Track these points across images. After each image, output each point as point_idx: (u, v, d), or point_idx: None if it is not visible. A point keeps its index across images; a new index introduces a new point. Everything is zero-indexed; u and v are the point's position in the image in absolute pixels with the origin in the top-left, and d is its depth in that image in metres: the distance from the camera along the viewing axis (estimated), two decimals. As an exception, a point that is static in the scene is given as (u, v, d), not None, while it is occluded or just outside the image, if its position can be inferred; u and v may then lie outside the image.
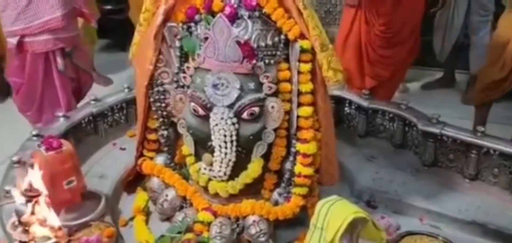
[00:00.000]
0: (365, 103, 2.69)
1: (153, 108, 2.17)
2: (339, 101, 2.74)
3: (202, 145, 2.01)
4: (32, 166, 1.97)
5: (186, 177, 2.17)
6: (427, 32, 3.81)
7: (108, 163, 2.44)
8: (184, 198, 2.12)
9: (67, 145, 2.07)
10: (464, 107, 3.77)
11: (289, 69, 1.97)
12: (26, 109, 3.08)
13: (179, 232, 1.99)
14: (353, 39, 3.36)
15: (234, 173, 1.98)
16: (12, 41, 2.88)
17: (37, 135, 2.22)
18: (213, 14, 1.91)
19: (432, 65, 4.62)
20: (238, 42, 1.85)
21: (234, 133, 1.88)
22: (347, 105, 2.77)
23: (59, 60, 2.98)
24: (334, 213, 1.66)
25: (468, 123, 3.22)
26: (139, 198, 2.24)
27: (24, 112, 3.12)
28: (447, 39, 4.06)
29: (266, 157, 2.02)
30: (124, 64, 4.04)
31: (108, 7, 4.56)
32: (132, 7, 4.27)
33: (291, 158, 2.03)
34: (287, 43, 1.95)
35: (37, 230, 1.25)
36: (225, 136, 1.88)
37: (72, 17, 3.06)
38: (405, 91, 4.24)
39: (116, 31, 4.89)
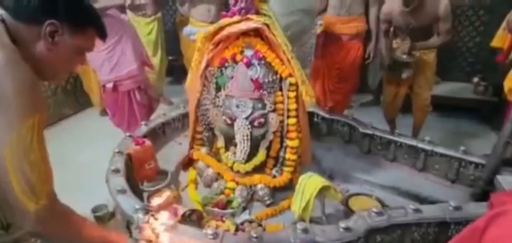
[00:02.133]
0: (326, 115, 2.66)
1: (199, 119, 2.16)
2: (311, 114, 2.71)
3: (229, 141, 2.01)
4: (127, 156, 1.98)
5: (220, 161, 2.15)
6: (363, 71, 3.80)
7: (172, 153, 2.42)
8: (218, 174, 2.11)
9: (147, 142, 2.07)
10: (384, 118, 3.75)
11: (282, 95, 1.96)
12: (119, 125, 3.08)
13: (216, 194, 1.98)
14: (320, 77, 3.37)
15: (249, 158, 1.97)
16: (109, 86, 2.87)
17: (129, 136, 2.21)
18: (236, 62, 1.92)
19: (365, 91, 4.60)
20: (251, 79, 1.85)
21: (249, 134, 1.88)
22: (315, 116, 2.75)
23: (137, 94, 2.97)
24: (309, 183, 1.67)
25: (387, 127, 3.20)
26: (191, 173, 2.22)
27: (118, 127, 3.12)
28: (377, 74, 4.06)
29: (268, 149, 2.01)
30: (180, 92, 4.04)
31: (170, 58, 4.58)
32: (185, 57, 4.29)
33: (283, 149, 2.02)
34: (281, 79, 1.95)
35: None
36: (243, 136, 1.88)
37: (142, 66, 3.04)
38: (350, 108, 4.23)
39: (175, 72, 4.91)
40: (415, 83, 3.14)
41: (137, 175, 2.00)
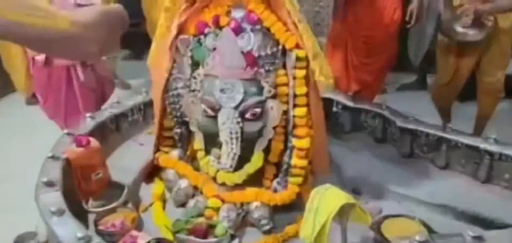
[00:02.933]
0: (350, 103, 2.67)
1: (168, 110, 2.17)
2: (328, 102, 2.71)
3: (211, 141, 2.01)
4: (65, 162, 1.98)
5: (197, 169, 2.16)
6: (402, 41, 3.81)
7: (129, 157, 2.42)
8: (195, 187, 2.11)
9: (94, 142, 2.07)
10: (434, 107, 3.78)
11: (286, 75, 1.96)
12: (53, 117, 3.06)
13: (192, 216, 1.99)
14: (340, 49, 3.37)
15: (239, 165, 1.96)
16: (40, 58, 2.85)
17: (68, 134, 2.21)
18: (220, 28, 1.91)
19: (406, 69, 4.62)
20: (242, 52, 1.85)
21: (239, 130, 1.87)
22: (334, 105, 2.75)
23: (80, 72, 2.95)
24: (326, 199, 1.67)
25: (438, 121, 3.23)
26: (157, 187, 2.23)
27: (52, 119, 3.10)
28: (421, 46, 4.07)
29: (267, 151, 2.02)
30: (140, 71, 4.02)
31: (127, 21, 4.56)
32: (148, 22, 4.27)
33: (288, 152, 2.02)
34: (284, 52, 1.95)
35: None
36: (231, 133, 1.87)
37: None
38: (383, 93, 4.25)
39: (133, 42, 4.89)
40: (485, 56, 3.12)
41: (80, 189, 2.00)
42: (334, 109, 2.75)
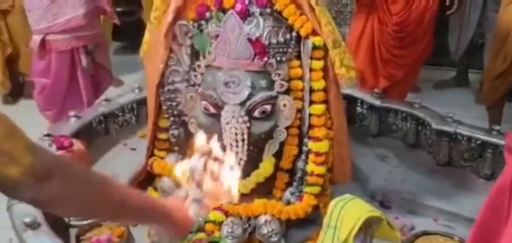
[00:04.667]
0: (377, 102, 2.66)
1: (164, 107, 2.16)
2: (351, 100, 2.71)
3: (213, 144, 2.00)
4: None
5: (197, 177, 2.15)
6: (439, 31, 3.78)
7: (119, 164, 2.43)
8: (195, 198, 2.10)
9: (78, 145, 2.08)
10: (478, 107, 3.73)
11: (301, 66, 1.95)
12: (48, 108, 3.12)
13: (191, 232, 1.96)
14: (366, 39, 3.34)
15: (246, 172, 1.95)
16: (37, 39, 2.93)
17: (48, 135, 2.21)
18: (224, 11, 1.90)
19: (444, 64, 4.57)
20: (249, 39, 1.84)
21: (245, 131, 1.87)
22: (359, 104, 2.75)
23: (83, 58, 3.02)
24: (348, 212, 1.64)
25: (482, 123, 3.17)
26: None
27: (45, 111, 3.16)
28: (463, 36, 4.03)
29: (278, 156, 2.00)
30: (135, 66, 4.05)
31: (119, 9, 4.56)
32: (146, 9, 4.29)
33: (303, 157, 2.00)
34: (299, 40, 1.94)
35: (209, 185, 1.22)
36: (236, 134, 1.87)
37: (94, 15, 3.11)
38: (416, 91, 4.21)
39: (127, 33, 4.91)
40: None
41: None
42: (359, 109, 2.76)
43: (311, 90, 1.94)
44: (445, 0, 3.42)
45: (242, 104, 1.86)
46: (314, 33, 1.91)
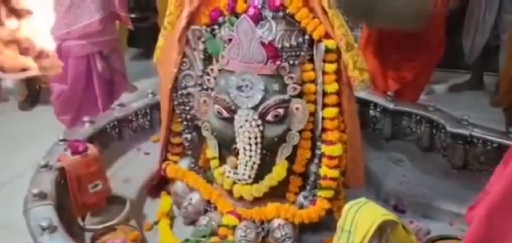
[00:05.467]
0: (390, 105, 2.64)
1: (177, 112, 2.17)
2: (364, 104, 2.70)
3: (226, 148, 2.00)
4: (59, 171, 2.00)
5: (210, 181, 2.15)
6: (453, 33, 3.74)
7: (133, 168, 2.45)
8: (208, 202, 2.11)
9: (92, 149, 2.09)
10: (493, 110, 3.68)
11: (313, 69, 1.95)
12: (64, 113, 3.17)
13: (204, 236, 1.97)
14: (375, 41, 3.33)
15: (259, 176, 1.96)
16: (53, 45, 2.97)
17: (63, 140, 2.23)
18: (237, 15, 1.91)
19: (459, 67, 4.54)
20: (262, 43, 1.84)
21: (258, 135, 1.87)
22: (372, 107, 2.73)
23: (99, 64, 3.06)
24: (362, 215, 1.63)
25: (497, 125, 3.14)
26: (164, 202, 2.24)
27: (61, 116, 3.20)
28: (478, 38, 3.99)
29: (291, 159, 2.00)
30: (149, 72, 4.08)
31: (133, 15, 4.60)
32: (161, 14, 4.33)
33: (316, 160, 2.00)
34: (312, 43, 1.93)
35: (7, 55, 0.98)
36: (249, 138, 1.87)
37: (110, 21, 3.14)
38: (430, 94, 4.18)
39: (143, 39, 4.95)
40: None
41: (76, 203, 2.02)
42: (372, 112, 2.74)
43: (324, 93, 1.94)
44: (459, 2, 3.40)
45: (255, 107, 1.86)
46: (327, 36, 1.90)
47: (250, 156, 1.90)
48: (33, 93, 4.32)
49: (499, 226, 1.25)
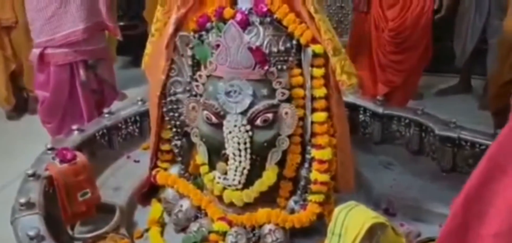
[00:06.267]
0: (379, 110, 2.66)
1: (166, 118, 2.17)
2: (353, 108, 2.71)
3: (216, 153, 2.00)
4: (47, 180, 1.98)
5: (201, 187, 2.15)
6: (441, 37, 3.77)
7: (123, 176, 2.44)
8: (199, 208, 2.10)
9: (81, 157, 2.07)
10: (481, 113, 3.71)
11: (302, 74, 1.95)
12: (49, 120, 3.13)
13: (196, 242, 1.97)
14: (364, 45, 3.36)
15: (249, 182, 1.96)
16: (36, 52, 2.95)
17: (51, 149, 2.22)
18: (224, 21, 1.91)
19: (447, 71, 4.57)
20: (250, 48, 1.84)
21: (248, 140, 1.87)
22: (361, 112, 2.74)
23: (82, 72, 3.03)
24: (352, 219, 1.63)
25: (486, 129, 3.16)
26: (154, 209, 2.22)
27: (46, 124, 3.17)
28: (468, 42, 4.02)
29: (281, 164, 2.00)
30: (139, 79, 4.06)
31: (121, 23, 4.57)
32: (149, 21, 4.31)
33: (306, 165, 2.00)
34: (300, 48, 1.94)
35: None
36: (239, 143, 1.87)
37: (96, 31, 3.10)
38: (419, 98, 4.20)
39: (132, 47, 4.93)
40: None
41: (64, 212, 2.00)
42: (361, 116, 2.75)
43: (313, 98, 1.94)
44: (448, 7, 3.44)
45: (244, 113, 1.86)
46: (314, 41, 1.91)
47: (240, 162, 1.90)
48: (20, 102, 4.28)
49: (475, 211, 1.29)
